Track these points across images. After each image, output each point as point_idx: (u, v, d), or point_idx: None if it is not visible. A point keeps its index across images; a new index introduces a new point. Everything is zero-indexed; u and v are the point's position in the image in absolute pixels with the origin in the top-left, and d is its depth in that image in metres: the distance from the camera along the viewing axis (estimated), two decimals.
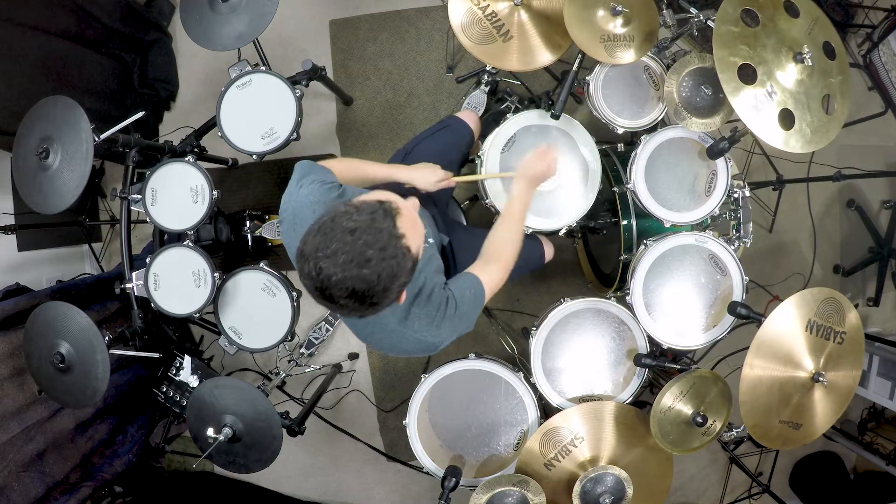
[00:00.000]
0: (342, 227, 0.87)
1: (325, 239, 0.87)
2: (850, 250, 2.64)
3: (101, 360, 1.52)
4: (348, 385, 2.54)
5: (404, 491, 2.60)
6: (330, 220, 0.89)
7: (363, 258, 0.86)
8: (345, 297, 0.88)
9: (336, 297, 0.88)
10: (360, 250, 0.86)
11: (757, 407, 1.38)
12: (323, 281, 0.87)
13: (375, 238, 0.87)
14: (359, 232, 0.87)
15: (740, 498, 2.49)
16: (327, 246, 0.86)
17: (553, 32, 1.54)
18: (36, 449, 1.83)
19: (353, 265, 0.86)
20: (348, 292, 0.87)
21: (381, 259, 0.87)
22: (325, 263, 0.86)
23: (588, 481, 1.48)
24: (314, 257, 0.87)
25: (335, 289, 0.87)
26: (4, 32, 1.88)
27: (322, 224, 0.89)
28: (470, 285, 1.17)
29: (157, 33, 2.52)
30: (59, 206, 1.53)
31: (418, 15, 2.54)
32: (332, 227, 0.87)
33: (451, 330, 1.14)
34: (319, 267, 0.86)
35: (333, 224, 0.88)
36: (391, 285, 0.90)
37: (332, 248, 0.86)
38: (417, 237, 0.95)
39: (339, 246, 0.86)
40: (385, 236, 0.88)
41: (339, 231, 0.87)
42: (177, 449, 2.49)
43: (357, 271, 0.86)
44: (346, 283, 0.86)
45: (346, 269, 0.86)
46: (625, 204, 1.76)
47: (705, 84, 1.58)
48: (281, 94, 1.75)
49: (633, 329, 1.61)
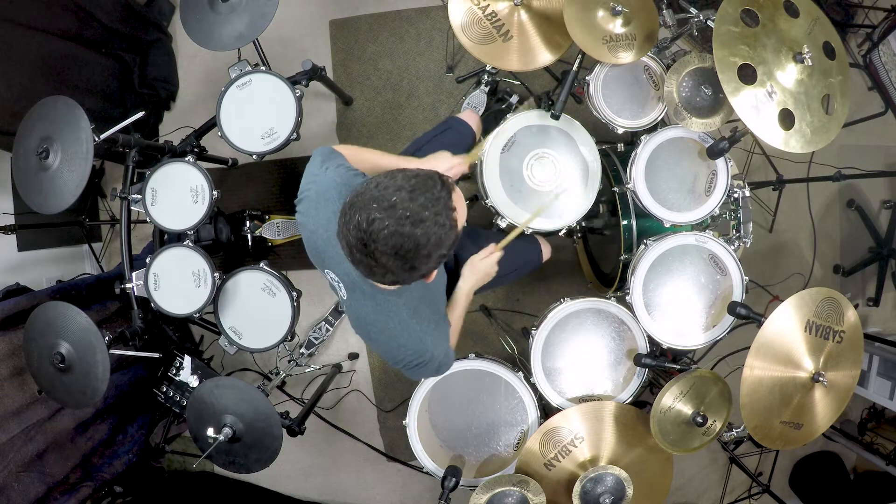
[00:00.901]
0: (401, 185, 0.88)
1: (383, 193, 0.87)
2: (850, 250, 2.64)
3: (101, 360, 1.52)
4: (348, 385, 2.54)
5: (404, 491, 2.60)
6: (389, 177, 0.89)
7: (418, 217, 0.87)
8: (389, 254, 0.88)
9: (378, 253, 0.88)
10: (416, 209, 0.87)
11: (758, 408, 1.38)
12: (372, 233, 0.86)
13: (433, 202, 0.88)
14: (418, 192, 0.88)
15: (740, 498, 2.49)
16: (384, 199, 0.86)
17: (553, 32, 1.54)
18: (36, 449, 1.83)
19: (408, 221, 0.86)
20: (395, 249, 0.87)
21: (434, 223, 0.88)
22: (379, 214, 0.86)
23: (588, 481, 1.48)
24: (368, 208, 0.87)
25: (383, 242, 0.87)
26: (4, 32, 1.88)
27: (379, 181, 0.89)
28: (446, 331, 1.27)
29: (157, 33, 2.53)
30: (59, 206, 1.53)
31: (418, 15, 2.54)
32: (391, 184, 0.88)
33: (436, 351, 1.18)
34: (372, 218, 0.86)
35: (392, 181, 0.88)
36: (434, 252, 0.90)
37: (390, 200, 0.86)
38: (462, 216, 0.96)
39: (398, 201, 0.86)
40: (441, 204, 0.89)
41: (397, 188, 0.87)
42: (177, 449, 2.49)
43: (410, 228, 0.86)
44: (395, 239, 0.86)
45: (400, 224, 0.86)
46: (625, 204, 1.76)
47: (705, 84, 1.58)
48: (281, 94, 1.75)
49: (633, 329, 1.61)
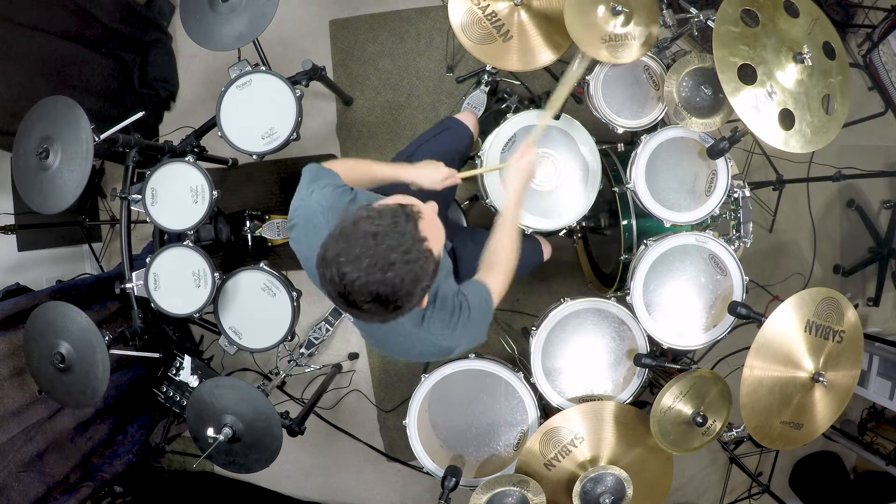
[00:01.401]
0: (364, 230, 0.86)
1: (348, 244, 0.86)
2: (850, 250, 2.64)
3: (101, 360, 1.52)
4: (348, 385, 2.54)
5: (404, 491, 2.60)
6: (352, 224, 0.88)
7: (387, 262, 0.85)
8: (368, 302, 0.87)
9: (360, 303, 0.87)
10: (383, 254, 0.85)
11: (758, 408, 1.38)
12: (346, 286, 0.85)
13: (399, 242, 0.86)
14: (381, 236, 0.85)
15: (740, 498, 2.49)
16: (350, 251, 0.85)
17: (553, 32, 1.54)
18: (36, 449, 1.83)
19: (377, 269, 0.84)
20: (372, 297, 0.86)
21: (404, 262, 0.86)
22: (347, 268, 0.84)
23: (588, 481, 1.48)
24: (336, 262, 0.85)
25: (358, 294, 0.86)
26: (4, 32, 1.88)
27: (343, 229, 0.88)
28: (479, 292, 1.18)
29: (157, 33, 2.52)
30: (59, 206, 1.53)
31: (418, 15, 2.54)
32: (354, 232, 0.86)
33: (465, 335, 1.14)
34: (343, 272, 0.85)
35: (355, 228, 0.87)
36: (414, 289, 0.89)
37: (356, 252, 0.85)
38: (439, 240, 0.94)
39: (363, 250, 0.85)
40: (408, 240, 0.87)
41: (361, 235, 0.85)
42: (177, 449, 2.49)
43: (381, 276, 0.85)
44: (370, 288, 0.85)
45: (369, 274, 0.84)
46: (625, 204, 1.76)
47: (705, 84, 1.58)
48: (281, 94, 1.75)
49: (633, 329, 1.61)
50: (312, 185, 1.14)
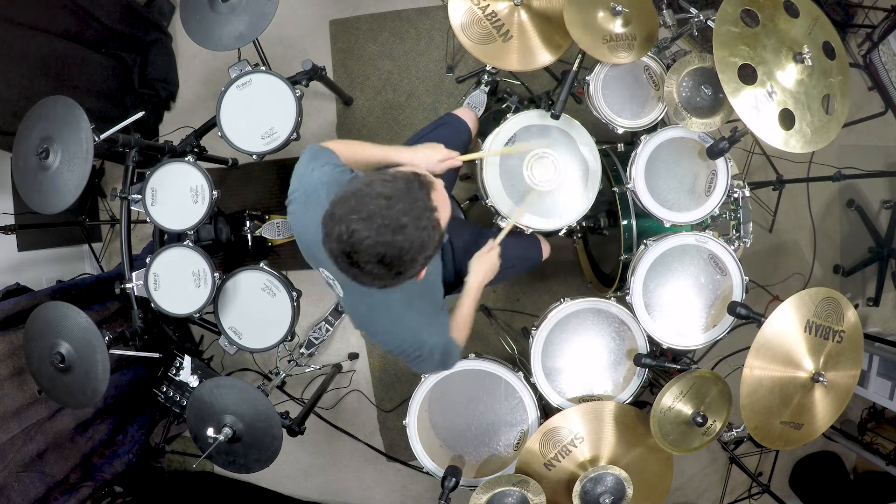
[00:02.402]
0: (379, 192, 0.86)
1: (361, 202, 0.85)
2: (850, 250, 2.64)
3: (101, 360, 1.52)
4: (348, 385, 2.54)
5: (404, 491, 2.60)
6: (365, 185, 0.87)
7: (398, 224, 0.85)
8: (373, 263, 0.86)
9: (363, 262, 0.87)
10: (395, 216, 0.85)
11: (758, 409, 1.38)
12: (354, 244, 0.85)
13: (411, 206, 0.86)
14: (395, 199, 0.86)
15: (740, 498, 2.49)
16: (362, 209, 0.85)
17: (553, 32, 1.54)
18: (36, 449, 1.83)
19: (388, 230, 0.84)
20: (378, 258, 0.86)
21: (415, 228, 0.86)
22: (358, 226, 0.84)
23: (588, 481, 1.48)
24: (347, 219, 0.85)
25: (364, 253, 0.85)
26: (4, 32, 1.88)
27: (357, 189, 0.87)
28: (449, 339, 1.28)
29: (157, 33, 2.53)
30: (59, 206, 1.53)
31: (418, 15, 2.54)
32: (368, 192, 0.86)
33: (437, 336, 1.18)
34: (352, 229, 0.84)
35: (369, 189, 0.86)
36: (419, 256, 0.89)
37: (368, 210, 0.84)
38: (446, 213, 0.95)
39: (376, 210, 0.84)
40: (420, 206, 0.88)
41: (375, 195, 0.85)
42: (177, 449, 2.49)
43: (391, 237, 0.85)
44: (378, 249, 0.85)
45: (380, 234, 0.84)
46: (625, 204, 1.76)
47: (705, 84, 1.58)
48: (281, 94, 1.75)
49: (633, 329, 1.61)
50: (313, 163, 1.14)
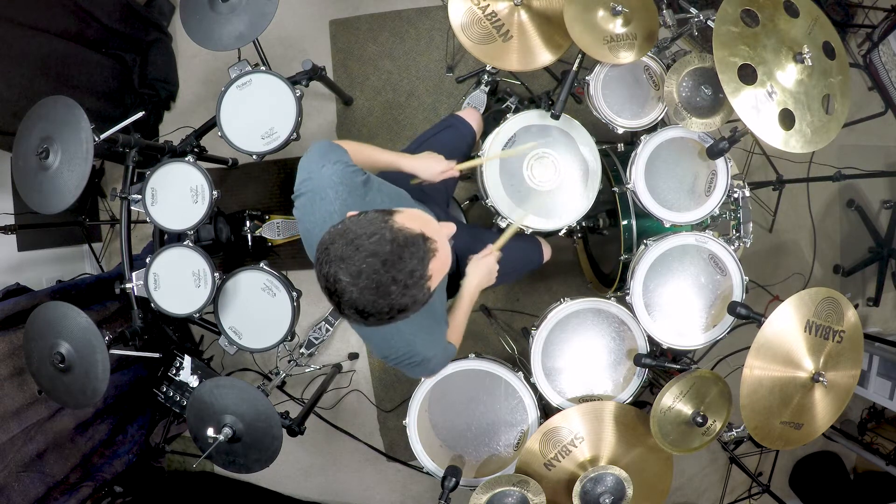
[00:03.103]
0: (375, 250, 0.84)
1: (355, 253, 0.84)
2: (850, 250, 2.64)
3: (101, 360, 1.52)
4: (348, 385, 2.54)
5: (404, 491, 2.60)
6: (367, 234, 0.85)
7: (385, 290, 0.84)
8: (350, 310, 0.87)
9: (342, 306, 0.87)
10: (384, 282, 0.84)
11: (758, 409, 1.38)
12: (337, 293, 0.86)
13: (404, 276, 0.85)
14: (389, 264, 0.84)
15: (740, 498, 2.49)
16: (353, 262, 0.84)
17: (553, 32, 1.54)
18: (36, 449, 1.83)
19: (372, 292, 0.84)
20: (356, 310, 0.87)
21: (401, 295, 0.86)
22: (344, 277, 0.84)
23: (588, 481, 1.48)
24: (336, 265, 0.85)
25: (345, 302, 0.86)
26: (4, 32, 1.88)
27: (356, 233, 0.86)
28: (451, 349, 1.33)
29: (157, 33, 2.52)
30: (59, 206, 1.53)
31: (418, 15, 2.54)
32: (365, 245, 0.84)
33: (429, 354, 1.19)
34: (338, 277, 0.84)
35: (367, 242, 0.84)
36: (397, 315, 0.89)
37: (358, 267, 0.83)
38: (441, 275, 0.93)
39: (367, 271, 0.83)
40: (416, 276, 0.86)
41: (370, 253, 0.84)
42: (177, 449, 2.49)
43: (373, 298, 0.85)
44: (358, 305, 0.85)
45: (363, 293, 0.84)
46: (625, 204, 1.76)
47: (705, 84, 1.58)
48: (281, 94, 1.75)
49: (633, 329, 1.61)
50: (324, 160, 1.13)
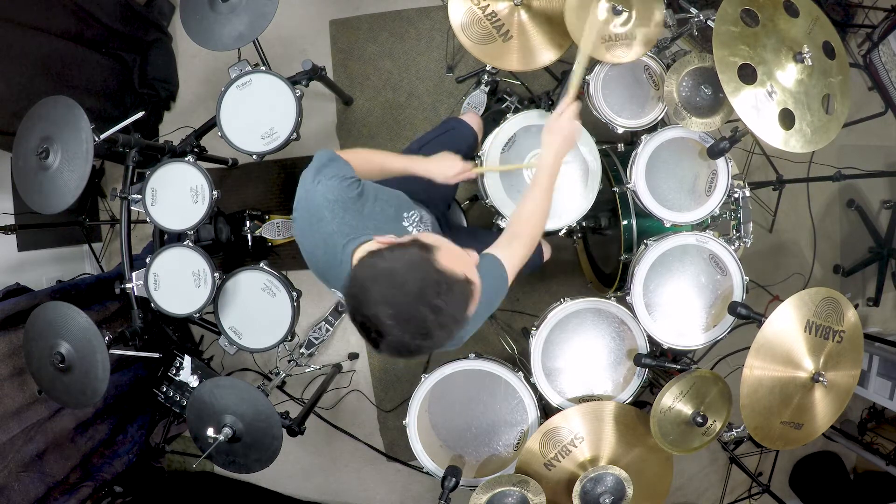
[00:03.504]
0: (422, 296, 0.84)
1: (402, 297, 0.84)
2: (850, 250, 2.64)
3: (101, 360, 1.52)
4: (348, 385, 2.54)
5: (404, 491, 2.60)
6: (414, 280, 0.85)
7: (429, 333, 0.86)
8: (389, 349, 0.87)
9: (379, 344, 0.87)
10: (430, 326, 0.85)
11: (758, 409, 1.38)
12: (378, 333, 0.85)
13: (448, 320, 0.87)
14: (437, 311, 0.85)
15: (740, 498, 2.49)
16: (400, 307, 0.84)
17: (553, 32, 1.54)
18: (36, 449, 1.83)
19: (417, 336, 0.85)
20: (397, 351, 0.87)
21: (444, 336, 0.87)
22: (389, 321, 0.84)
23: (588, 481, 1.48)
24: (380, 308, 0.84)
25: (385, 343, 0.86)
26: (4, 32, 1.88)
27: (404, 280, 0.85)
28: (490, 270, 1.10)
29: (157, 33, 2.52)
30: (59, 206, 1.53)
31: (418, 15, 2.54)
32: (412, 291, 0.84)
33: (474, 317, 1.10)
34: (381, 321, 0.84)
35: (415, 288, 0.85)
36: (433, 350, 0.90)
37: (406, 313, 0.84)
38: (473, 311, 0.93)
39: (416, 318, 0.84)
40: (457, 319, 0.88)
41: (417, 299, 0.84)
42: (177, 449, 2.49)
43: (417, 342, 0.86)
44: (400, 346, 0.86)
45: (406, 336, 0.85)
46: (625, 204, 1.76)
47: (705, 84, 1.58)
48: (281, 94, 1.75)
49: (633, 329, 1.61)
50: (319, 175, 1.10)
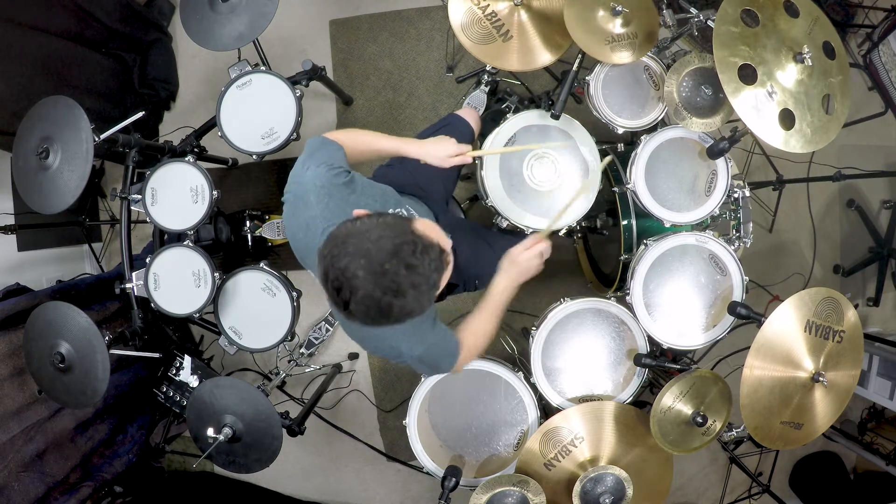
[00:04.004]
0: (398, 253, 0.85)
1: (378, 251, 0.84)
2: (850, 250, 2.64)
3: (101, 360, 1.52)
4: (348, 385, 2.54)
5: (404, 491, 2.60)
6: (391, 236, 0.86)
7: (401, 292, 0.86)
8: (359, 308, 0.87)
9: (349, 303, 0.87)
10: (403, 284, 0.85)
11: (758, 409, 1.38)
12: (349, 289, 0.85)
13: (421, 280, 0.87)
14: (411, 269, 0.86)
15: (740, 498, 2.49)
16: (375, 260, 0.84)
17: (553, 32, 1.54)
18: (36, 449, 1.83)
19: (389, 292, 0.85)
20: (365, 309, 0.86)
21: (414, 299, 0.87)
22: (362, 273, 0.84)
23: (588, 481, 1.48)
24: (355, 260, 0.84)
25: (356, 299, 0.85)
26: (4, 32, 1.88)
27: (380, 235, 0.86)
28: (447, 338, 1.21)
29: (157, 33, 2.52)
30: (59, 206, 1.53)
31: (418, 15, 2.54)
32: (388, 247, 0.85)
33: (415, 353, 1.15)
34: (355, 273, 0.84)
35: (392, 244, 0.85)
36: (403, 319, 0.90)
37: (381, 265, 0.84)
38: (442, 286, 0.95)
39: (390, 271, 0.84)
40: (429, 284, 0.89)
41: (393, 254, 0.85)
42: (177, 449, 2.49)
43: (389, 298, 0.85)
44: (370, 302, 0.85)
45: (383, 292, 0.85)
46: (625, 204, 1.76)
47: (705, 84, 1.58)
48: (281, 94, 1.75)
49: (633, 329, 1.61)
50: (309, 161, 1.11)
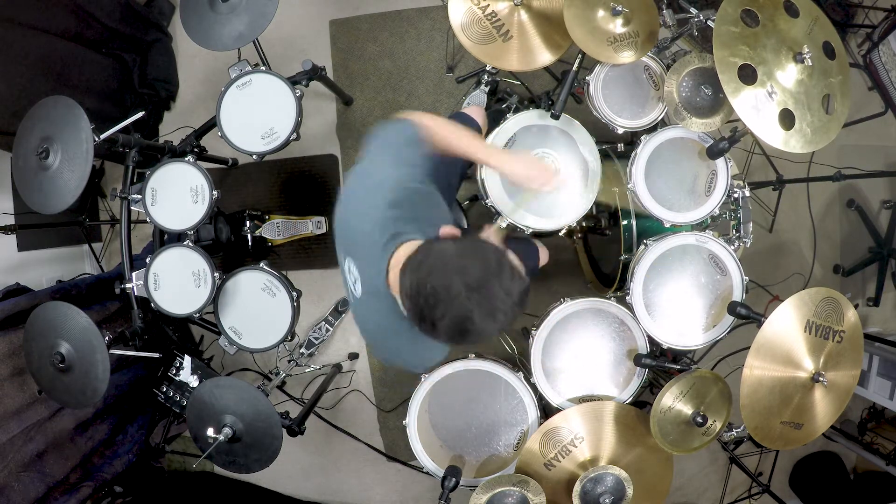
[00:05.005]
0: (503, 281, 0.89)
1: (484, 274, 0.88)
2: (850, 250, 2.64)
3: (101, 360, 1.52)
4: (348, 385, 2.54)
5: (404, 491, 2.60)
6: (499, 262, 0.90)
7: (493, 310, 0.89)
8: (446, 325, 0.89)
9: (441, 320, 0.89)
10: (497, 304, 0.88)
11: (758, 409, 1.38)
12: (446, 305, 0.87)
13: (509, 308, 0.90)
14: (508, 293, 0.89)
15: (740, 498, 2.49)
16: (480, 280, 0.87)
17: (553, 32, 1.54)
18: (36, 449, 1.83)
19: (483, 311, 0.88)
20: (453, 325, 0.89)
21: (501, 321, 0.90)
22: (464, 291, 0.86)
23: (588, 481, 1.48)
24: (458, 280, 0.87)
25: (451, 316, 0.88)
26: (4, 32, 1.88)
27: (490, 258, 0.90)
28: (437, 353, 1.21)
29: (157, 33, 2.52)
30: (59, 206, 1.53)
31: (418, 15, 2.54)
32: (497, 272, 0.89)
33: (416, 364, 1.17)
34: (469, 308, 0.87)
35: (499, 271, 0.89)
36: (477, 340, 0.92)
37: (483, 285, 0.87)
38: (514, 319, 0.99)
39: (491, 292, 0.88)
40: (514, 313, 0.91)
41: (497, 280, 0.89)
42: (177, 449, 2.49)
43: (479, 315, 0.88)
44: (461, 319, 0.88)
45: (475, 308, 0.87)
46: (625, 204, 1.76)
47: (705, 84, 1.58)
48: (281, 94, 1.75)
49: (633, 329, 1.61)
50: (405, 152, 1.10)
